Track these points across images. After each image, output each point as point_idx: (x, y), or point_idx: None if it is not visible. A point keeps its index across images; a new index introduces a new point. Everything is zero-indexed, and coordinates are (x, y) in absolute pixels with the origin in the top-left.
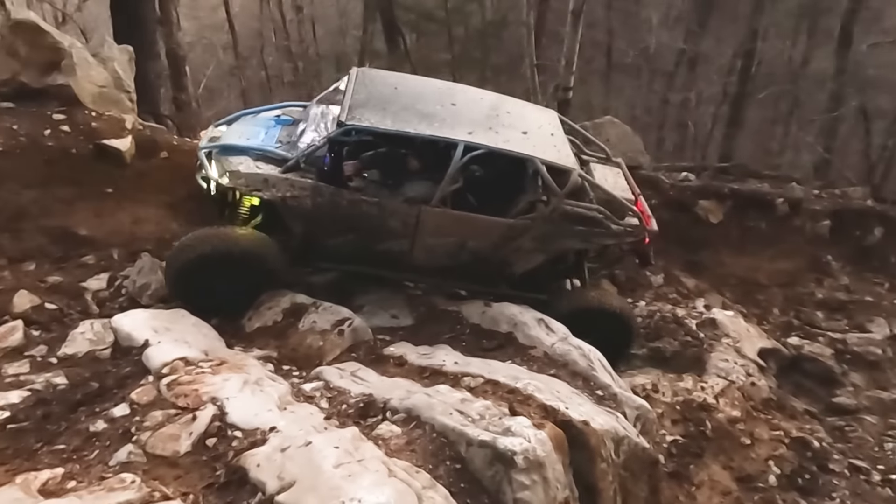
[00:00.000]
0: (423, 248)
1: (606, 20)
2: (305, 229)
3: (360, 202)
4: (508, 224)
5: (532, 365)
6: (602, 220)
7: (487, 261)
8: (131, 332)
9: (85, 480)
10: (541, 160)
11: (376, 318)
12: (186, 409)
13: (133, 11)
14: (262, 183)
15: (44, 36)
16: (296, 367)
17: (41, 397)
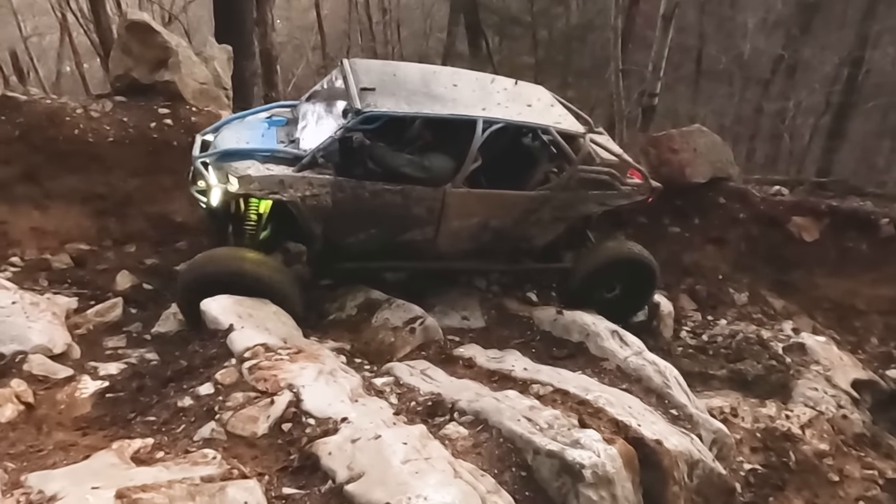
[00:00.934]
0: (448, 234)
1: (698, 24)
2: (326, 230)
3: (383, 192)
4: (530, 197)
5: (603, 377)
6: (613, 183)
7: (508, 238)
8: (218, 316)
9: (172, 452)
10: (555, 128)
11: (447, 318)
12: (265, 393)
13: (234, 13)
14: (277, 185)
15: (154, 35)
16: (367, 360)
17: (136, 370)
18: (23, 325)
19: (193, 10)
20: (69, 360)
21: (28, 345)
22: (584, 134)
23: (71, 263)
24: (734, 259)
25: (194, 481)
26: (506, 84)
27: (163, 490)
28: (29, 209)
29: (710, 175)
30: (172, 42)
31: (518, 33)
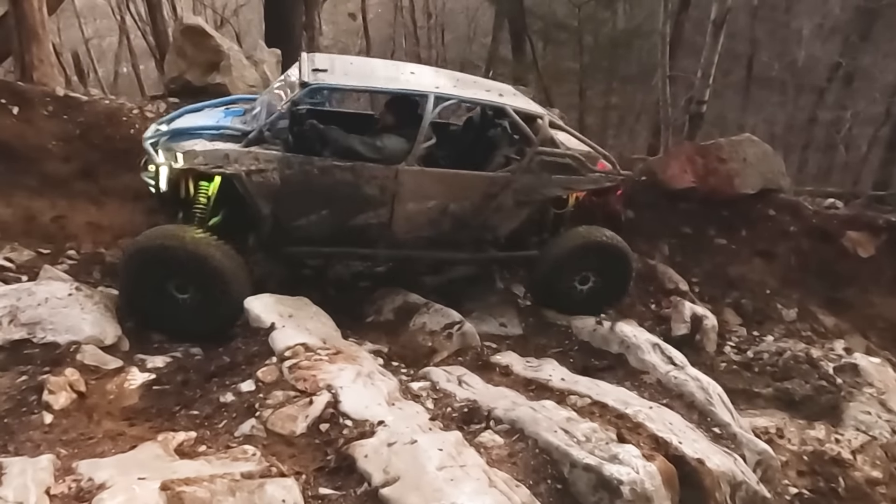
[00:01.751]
0: (403, 218)
1: (750, 30)
2: (274, 210)
3: (333, 168)
4: (489, 178)
5: (643, 391)
6: (577, 168)
7: (470, 227)
8: (260, 314)
9: (213, 447)
10: (512, 107)
11: (485, 324)
12: (304, 392)
13: (283, 18)
14: (222, 159)
15: (208, 39)
16: (404, 364)
17: (181, 364)
18: (77, 317)
19: (244, 14)
20: (119, 352)
21: (81, 335)
22: (543, 115)
23: None
24: (783, 273)
25: (234, 477)
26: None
27: (205, 484)
28: (86, 204)
29: (760, 186)
30: (224, 46)
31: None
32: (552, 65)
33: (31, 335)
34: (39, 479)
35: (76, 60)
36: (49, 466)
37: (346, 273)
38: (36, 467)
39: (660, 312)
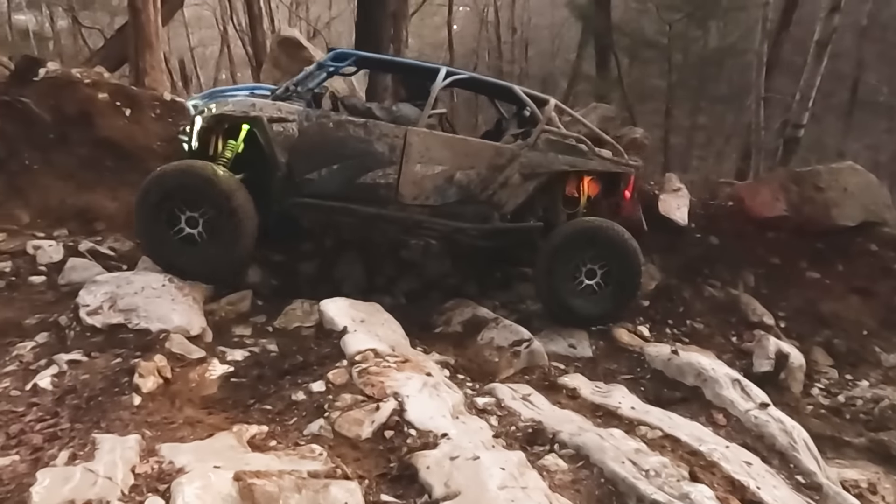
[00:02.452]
0: (411, 181)
1: (857, 51)
2: (289, 161)
3: (346, 123)
4: (496, 148)
5: (719, 429)
6: (586, 151)
7: (476, 200)
8: (334, 317)
9: (283, 443)
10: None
11: (553, 343)
12: (372, 398)
13: (373, 30)
14: (249, 107)
15: (302, 50)
16: (469, 378)
17: (258, 360)
18: (168, 307)
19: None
20: (202, 343)
21: (170, 325)
22: (549, 100)
23: None
24: (883, 314)
25: (301, 474)
26: None
27: (273, 479)
28: None
29: (861, 218)
30: (317, 56)
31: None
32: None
33: (126, 321)
34: (127, 457)
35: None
36: (135, 446)
37: (417, 282)
38: (124, 446)
39: (741, 346)
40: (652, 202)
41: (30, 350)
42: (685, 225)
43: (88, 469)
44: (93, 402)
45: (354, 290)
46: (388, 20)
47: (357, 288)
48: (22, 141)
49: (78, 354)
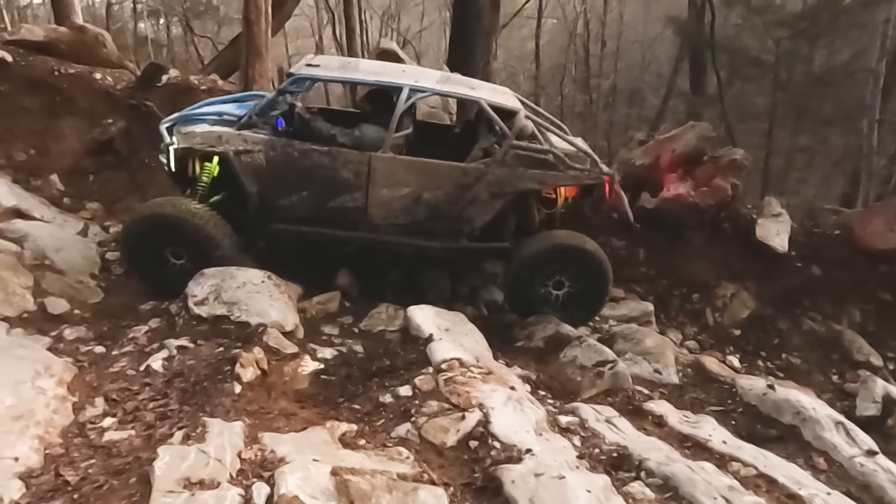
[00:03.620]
0: (378, 203)
1: None
2: (260, 189)
3: (311, 152)
4: (462, 169)
5: (819, 473)
6: (556, 164)
7: (445, 216)
8: (421, 324)
9: (371, 443)
10: (486, 101)
11: (638, 366)
12: (457, 407)
13: (467, 43)
14: (216, 140)
15: (399, 62)
16: (551, 394)
17: (346, 359)
18: (266, 303)
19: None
20: (295, 339)
21: (268, 319)
22: (519, 111)
23: None
24: None
25: (392, 476)
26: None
27: (367, 477)
28: None
29: None
30: None
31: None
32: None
33: (229, 313)
34: (234, 442)
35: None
36: (241, 433)
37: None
38: (231, 431)
39: (842, 386)
40: (749, 227)
41: (144, 334)
42: (784, 252)
43: (201, 450)
44: (198, 387)
45: (438, 298)
46: (481, 34)
47: (440, 296)
48: (144, 141)
49: (185, 341)
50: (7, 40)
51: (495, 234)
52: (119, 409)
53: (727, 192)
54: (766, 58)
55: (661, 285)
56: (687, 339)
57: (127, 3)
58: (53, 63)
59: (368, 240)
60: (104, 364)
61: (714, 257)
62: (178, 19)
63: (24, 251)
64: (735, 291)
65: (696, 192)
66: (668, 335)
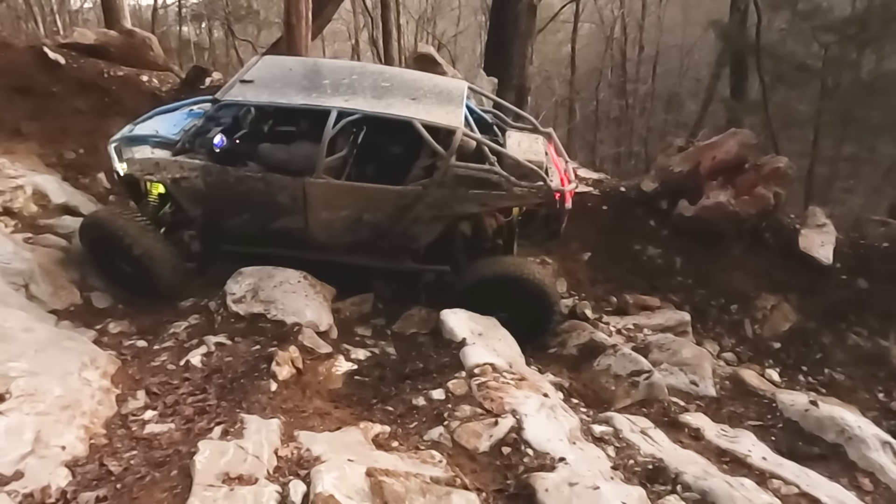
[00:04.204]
0: (319, 224)
1: None
2: (203, 212)
3: (246, 178)
4: (398, 192)
5: (864, 495)
6: (500, 182)
7: (389, 235)
8: (454, 328)
9: (404, 445)
10: (420, 121)
11: (673, 377)
12: (490, 412)
13: (504, 48)
14: (153, 167)
15: (436, 67)
16: (584, 403)
17: (379, 361)
18: (302, 302)
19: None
20: (329, 339)
21: (303, 319)
22: (457, 129)
23: None
24: None
25: (425, 479)
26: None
27: (401, 479)
28: None
29: None
30: (450, 73)
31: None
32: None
33: (266, 311)
34: (271, 439)
35: None
36: (277, 430)
37: None
38: (268, 428)
39: (889, 404)
40: (791, 237)
41: (184, 329)
42: (829, 264)
43: (240, 446)
44: (235, 383)
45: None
46: (518, 39)
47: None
48: None
49: (224, 338)
50: (61, 43)
51: (442, 253)
52: (160, 403)
53: (769, 201)
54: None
55: (697, 295)
56: (724, 351)
57: (171, 7)
58: (103, 65)
59: (316, 258)
60: (146, 358)
61: (754, 268)
62: (220, 23)
63: (72, 247)
64: (776, 303)
65: (737, 200)
66: (705, 346)
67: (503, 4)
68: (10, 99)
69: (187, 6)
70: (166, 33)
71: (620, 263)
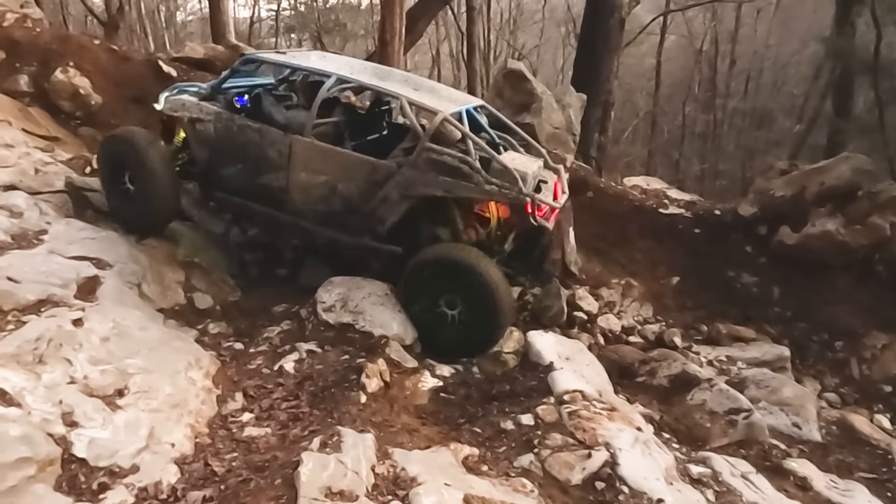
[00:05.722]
0: (298, 187)
1: None
2: (208, 156)
3: (246, 128)
4: (373, 164)
5: None
6: (470, 174)
7: (359, 212)
8: (541, 351)
9: (494, 470)
10: (407, 98)
11: (773, 417)
12: (583, 443)
13: (593, 64)
14: (180, 106)
15: (526, 83)
16: (676, 439)
17: (463, 379)
18: (389, 315)
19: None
20: (413, 353)
21: (390, 331)
22: (439, 112)
23: None
24: None
25: None
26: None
27: None
28: None
29: None
30: (538, 89)
31: None
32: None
33: (354, 322)
34: (368, 455)
35: None
36: (372, 446)
37: (617, 323)
38: (364, 444)
39: None
40: None
41: (277, 335)
42: None
43: (340, 460)
44: (326, 392)
45: (553, 322)
46: (608, 54)
47: (555, 321)
48: None
49: (314, 345)
50: (173, 57)
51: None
52: (256, 406)
53: (885, 231)
54: None
55: (797, 328)
56: (826, 391)
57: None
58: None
59: (291, 223)
60: (243, 360)
61: (863, 302)
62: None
63: (178, 249)
64: (888, 343)
65: (847, 229)
66: (805, 384)
67: (595, 19)
68: (126, 108)
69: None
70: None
71: (712, 290)
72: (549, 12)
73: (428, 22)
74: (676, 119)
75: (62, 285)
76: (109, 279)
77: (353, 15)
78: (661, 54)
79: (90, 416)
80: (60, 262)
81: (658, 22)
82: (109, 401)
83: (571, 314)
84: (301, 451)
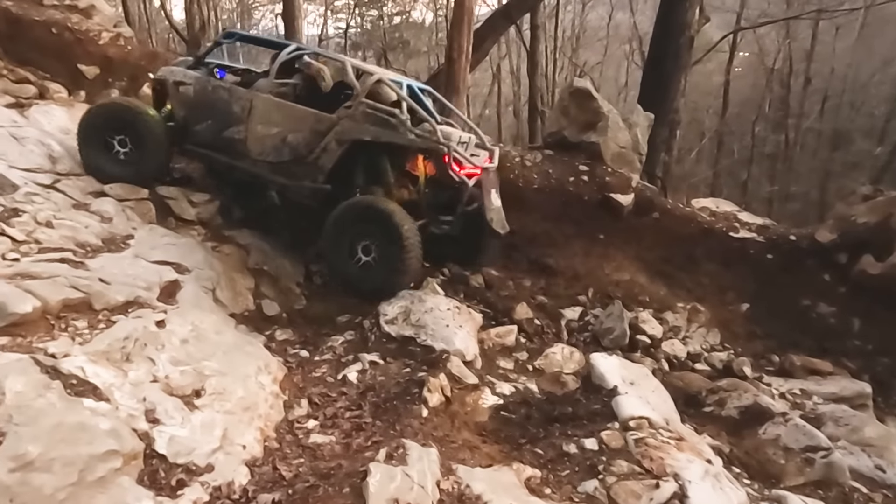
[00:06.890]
0: (255, 138)
1: None
2: (185, 114)
3: (218, 88)
4: (317, 116)
5: None
6: (397, 125)
7: (304, 161)
8: (605, 373)
9: (557, 494)
10: (350, 63)
11: (854, 458)
12: (650, 473)
13: (661, 82)
14: (168, 72)
15: (591, 101)
16: (747, 474)
17: (524, 398)
18: (451, 330)
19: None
20: (474, 369)
21: (451, 346)
22: (376, 74)
23: (483, 284)
24: None
25: None
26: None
27: None
28: None
29: None
30: (605, 108)
31: None
32: None
33: (416, 335)
34: (433, 470)
35: None
36: (437, 460)
37: (683, 349)
38: (429, 458)
39: None
40: None
41: (340, 344)
42: None
43: (406, 473)
44: (388, 404)
45: (615, 344)
46: (678, 72)
47: (617, 343)
48: None
49: (376, 356)
50: None
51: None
52: (320, 413)
53: None
54: None
55: (880, 364)
56: None
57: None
58: None
59: (247, 170)
60: (308, 367)
61: None
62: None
63: (249, 257)
64: None
65: None
66: (888, 423)
67: (664, 37)
68: None
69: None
70: None
71: (784, 319)
72: (614, 29)
73: (494, 41)
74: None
75: (146, 288)
76: (188, 283)
77: (417, 32)
78: (729, 72)
79: (170, 415)
80: (145, 265)
81: (727, 39)
82: (188, 400)
83: (634, 337)
84: (365, 460)
